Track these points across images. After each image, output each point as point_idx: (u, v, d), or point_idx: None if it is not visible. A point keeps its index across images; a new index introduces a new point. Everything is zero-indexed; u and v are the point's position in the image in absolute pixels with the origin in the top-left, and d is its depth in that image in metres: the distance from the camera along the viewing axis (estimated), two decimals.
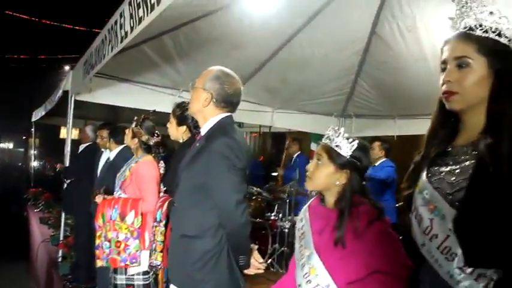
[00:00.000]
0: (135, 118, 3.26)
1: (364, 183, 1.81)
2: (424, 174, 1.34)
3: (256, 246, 2.26)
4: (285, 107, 6.11)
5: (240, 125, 9.03)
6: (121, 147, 4.15)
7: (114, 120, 6.80)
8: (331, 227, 1.70)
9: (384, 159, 5.30)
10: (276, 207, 5.56)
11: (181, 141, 2.97)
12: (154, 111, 3.40)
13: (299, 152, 6.79)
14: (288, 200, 5.23)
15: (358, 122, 6.06)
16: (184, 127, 2.96)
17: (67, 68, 14.01)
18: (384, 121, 5.89)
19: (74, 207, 4.93)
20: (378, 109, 5.78)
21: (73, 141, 5.55)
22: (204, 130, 2.22)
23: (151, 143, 3.17)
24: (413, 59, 4.59)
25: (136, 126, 3.20)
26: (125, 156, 3.77)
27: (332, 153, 1.77)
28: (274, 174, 7.10)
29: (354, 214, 1.68)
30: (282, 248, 5.09)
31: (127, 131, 3.32)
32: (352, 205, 1.71)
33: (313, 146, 6.89)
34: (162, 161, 3.19)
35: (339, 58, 4.94)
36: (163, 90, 5.39)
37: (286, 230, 5.08)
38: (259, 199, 5.54)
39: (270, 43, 4.74)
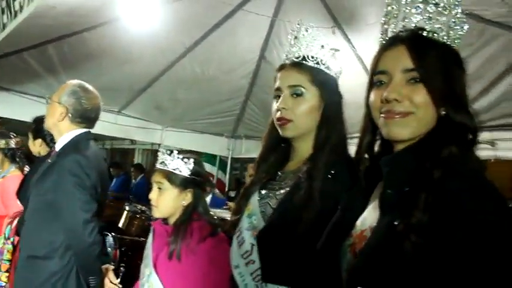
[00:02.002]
0: None
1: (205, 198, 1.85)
2: (255, 199, 1.37)
3: (112, 267, 2.19)
4: (175, 125, 6.09)
5: (133, 141, 8.87)
6: None
7: None
8: (167, 245, 1.71)
9: None
10: None
11: (38, 156, 2.84)
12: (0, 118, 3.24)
13: None
14: None
15: (248, 143, 6.20)
16: (40, 140, 2.85)
17: None
18: None
19: None
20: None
21: None
22: (58, 146, 2.15)
23: (13, 145, 3.00)
24: None
25: None
26: None
27: (172, 177, 1.78)
28: None
29: (188, 230, 1.71)
30: None
31: None
32: (188, 221, 1.74)
33: (205, 166, 6.89)
34: (27, 166, 3.03)
35: (228, 80, 5.04)
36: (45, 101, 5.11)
37: None
38: (143, 217, 5.40)
39: (160, 60, 4.72)
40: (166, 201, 1.78)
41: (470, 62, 1.00)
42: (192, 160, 1.80)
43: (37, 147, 2.82)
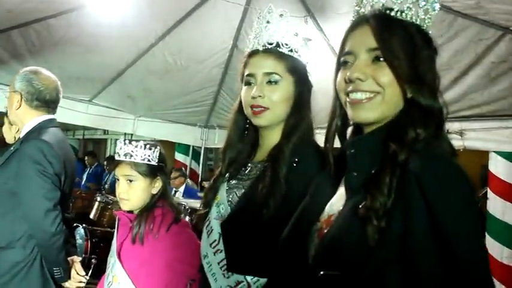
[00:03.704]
0: None
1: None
2: (224, 189, 1.34)
3: (79, 258, 2.15)
4: (147, 115, 6.02)
5: (105, 131, 8.74)
6: None
7: None
8: (131, 231, 1.69)
9: None
10: None
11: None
12: None
13: None
14: None
15: (221, 133, 6.16)
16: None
17: None
18: None
19: None
20: None
21: None
22: (22, 133, 2.09)
23: None
24: None
25: None
26: None
27: (142, 168, 1.73)
28: None
29: (151, 216, 1.70)
30: None
31: None
32: (152, 207, 1.73)
33: (178, 156, 6.86)
34: None
35: (201, 69, 4.99)
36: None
37: None
38: (114, 209, 5.34)
39: (130, 49, 4.64)
40: (138, 193, 1.73)
41: (441, 53, 0.98)
42: (158, 148, 1.77)
43: (13, 133, 2.72)
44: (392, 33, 0.93)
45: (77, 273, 2.08)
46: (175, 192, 5.73)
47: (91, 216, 5.09)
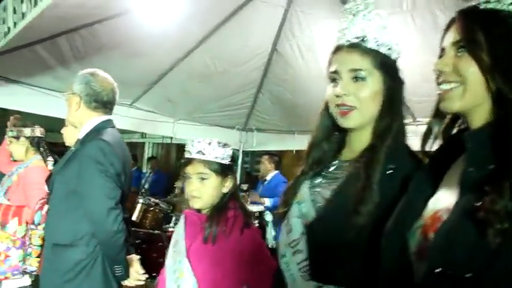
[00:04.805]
0: (8, 125, 3.09)
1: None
2: (306, 187, 1.29)
3: (138, 257, 2.18)
4: (186, 118, 6.06)
5: (143, 135, 8.86)
6: None
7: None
8: (202, 232, 1.70)
9: (274, 173, 5.46)
10: (173, 219, 5.47)
11: None
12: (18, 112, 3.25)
13: None
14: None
15: (259, 136, 6.17)
16: None
17: None
18: (284, 136, 6.05)
19: None
20: (279, 124, 5.93)
21: None
22: (81, 134, 2.15)
23: (38, 134, 3.02)
24: (311, 78, 4.79)
25: (11, 129, 3.03)
26: None
27: (215, 166, 1.74)
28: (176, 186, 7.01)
29: (224, 217, 1.70)
30: None
31: (7, 141, 3.14)
32: (225, 209, 1.73)
33: None
34: (51, 157, 3.04)
35: (240, 72, 5.01)
36: (58, 94, 5.10)
37: None
38: (156, 210, 5.41)
39: (171, 53, 4.69)
40: (210, 191, 1.75)
41: None
42: (229, 147, 1.78)
43: (76, 136, 2.78)
44: (476, 23, 0.93)
45: (136, 272, 2.12)
46: None
47: (133, 218, 5.17)
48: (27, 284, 2.81)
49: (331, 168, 1.29)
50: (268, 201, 5.14)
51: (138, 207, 5.21)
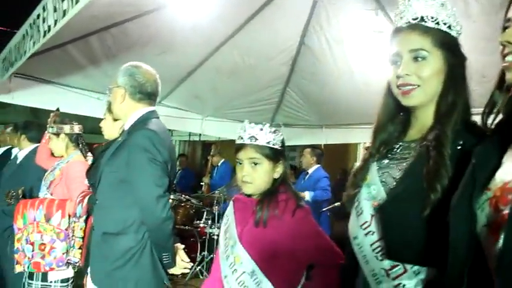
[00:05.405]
0: (48, 122, 3.17)
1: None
2: (374, 169, 1.30)
3: (182, 246, 2.21)
4: (214, 114, 6.11)
5: (171, 132, 8.94)
6: (33, 146, 3.81)
7: None
8: (253, 216, 1.72)
9: (316, 166, 5.41)
10: (204, 214, 5.52)
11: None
12: (57, 109, 3.32)
13: (223, 160, 6.84)
14: (217, 207, 5.21)
15: (287, 131, 6.16)
16: (122, 122, 2.86)
17: None
18: (312, 130, 6.05)
19: None
20: (306, 118, 5.93)
21: None
22: (126, 126, 2.19)
23: (77, 131, 3.10)
24: (339, 71, 4.77)
25: (52, 126, 3.10)
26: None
27: (267, 151, 1.74)
28: (202, 183, 7.07)
29: (274, 201, 1.71)
30: (211, 255, 5.05)
31: (46, 136, 3.22)
32: (276, 192, 1.74)
33: None
34: (90, 153, 3.11)
35: (268, 67, 5.03)
36: (89, 93, 5.20)
37: (215, 237, 5.04)
38: (187, 206, 5.46)
39: (200, 49, 4.73)
40: (262, 176, 1.75)
41: None
42: (280, 131, 1.79)
43: (116, 128, 2.78)
44: None
45: (182, 260, 2.15)
46: None
47: None
48: (71, 275, 2.87)
49: (398, 149, 1.30)
50: (308, 195, 5.08)
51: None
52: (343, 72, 4.76)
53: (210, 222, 5.26)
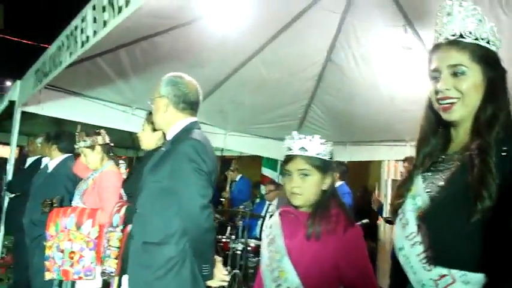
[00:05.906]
0: (77, 137, 3.18)
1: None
2: (419, 181, 1.32)
3: (220, 258, 2.19)
4: (237, 129, 6.10)
5: None
6: (64, 156, 3.86)
7: None
8: (303, 229, 1.69)
9: (340, 183, 5.31)
10: (228, 229, 5.48)
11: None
12: (80, 128, 3.33)
13: (240, 176, 6.82)
14: (241, 222, 5.17)
15: None
16: (161, 133, 2.82)
17: (8, 83, 13.47)
18: (336, 147, 5.98)
19: (16, 224, 4.56)
20: (330, 135, 5.88)
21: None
22: (169, 136, 2.18)
23: (108, 141, 3.11)
24: (366, 87, 4.75)
25: (84, 140, 3.11)
26: (67, 167, 3.62)
27: (317, 163, 1.73)
28: (222, 198, 7.04)
29: (327, 215, 1.69)
30: (234, 271, 4.98)
31: (82, 155, 3.22)
32: (328, 206, 1.72)
33: (265, 171, 6.90)
34: (123, 162, 3.12)
35: (293, 82, 5.03)
36: (116, 106, 5.25)
37: (239, 252, 4.99)
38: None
39: (227, 63, 4.75)
40: (312, 188, 1.73)
41: None
42: (329, 143, 1.78)
43: (154, 139, 2.79)
44: None
45: (220, 272, 2.12)
46: (269, 205, 5.74)
47: None
48: (99, 286, 2.85)
49: (442, 161, 1.31)
50: None
51: None
52: (369, 88, 4.74)
53: (233, 237, 5.21)
